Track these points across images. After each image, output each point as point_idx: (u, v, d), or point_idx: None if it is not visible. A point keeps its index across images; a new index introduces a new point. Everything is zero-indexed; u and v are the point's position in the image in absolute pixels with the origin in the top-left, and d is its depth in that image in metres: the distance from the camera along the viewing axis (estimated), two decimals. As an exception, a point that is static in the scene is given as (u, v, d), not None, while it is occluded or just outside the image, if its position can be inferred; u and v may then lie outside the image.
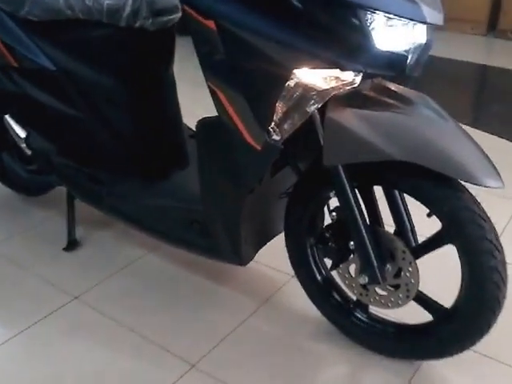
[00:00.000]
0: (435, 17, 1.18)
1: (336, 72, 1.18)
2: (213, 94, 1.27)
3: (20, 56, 1.63)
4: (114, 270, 1.91)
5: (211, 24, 1.18)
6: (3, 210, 2.27)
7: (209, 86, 1.27)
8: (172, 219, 1.61)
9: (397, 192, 1.44)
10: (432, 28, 1.23)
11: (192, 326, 1.67)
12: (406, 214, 1.46)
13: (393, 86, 1.31)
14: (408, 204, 1.48)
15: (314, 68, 1.17)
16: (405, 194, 1.43)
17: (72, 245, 1.99)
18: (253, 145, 1.26)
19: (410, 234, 1.45)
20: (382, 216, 1.49)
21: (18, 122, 1.76)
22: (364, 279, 1.38)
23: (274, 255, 1.77)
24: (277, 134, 1.24)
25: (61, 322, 1.69)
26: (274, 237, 1.68)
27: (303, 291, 1.63)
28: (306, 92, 1.19)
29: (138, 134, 1.70)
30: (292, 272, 1.75)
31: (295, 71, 1.18)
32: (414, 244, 1.45)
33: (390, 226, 1.48)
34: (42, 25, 1.60)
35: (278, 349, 1.59)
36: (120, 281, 1.87)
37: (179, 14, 1.63)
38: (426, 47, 1.23)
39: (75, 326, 1.67)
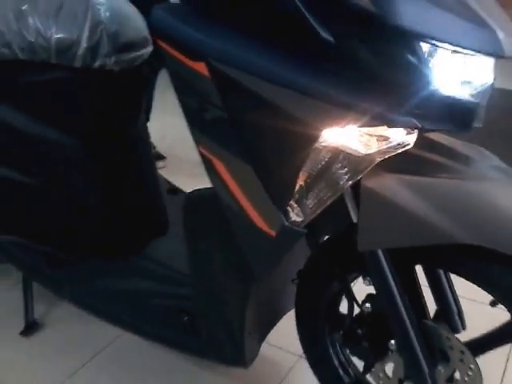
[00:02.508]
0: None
1: (382, 130, 0.81)
2: (207, 162, 0.88)
3: None
4: (88, 355, 1.55)
5: (201, 67, 0.80)
6: None
7: (200, 152, 0.88)
8: (153, 308, 1.21)
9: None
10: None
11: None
12: (452, 294, 1.11)
13: (441, 139, 0.96)
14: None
15: (351, 126, 0.79)
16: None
17: (30, 328, 1.62)
18: (265, 230, 0.87)
19: (458, 319, 1.10)
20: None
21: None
22: None
23: (277, 333, 1.40)
24: (298, 215, 0.87)
25: None
26: (281, 318, 1.31)
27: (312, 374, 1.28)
28: (340, 159, 0.81)
29: (105, 202, 1.32)
30: (299, 352, 1.39)
31: (324, 131, 0.80)
32: (461, 330, 1.09)
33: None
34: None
35: None
36: (96, 368, 1.51)
37: (150, 49, 1.24)
38: (491, 88, 0.88)
39: None
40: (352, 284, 1.14)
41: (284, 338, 1.40)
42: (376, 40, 0.77)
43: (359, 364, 1.22)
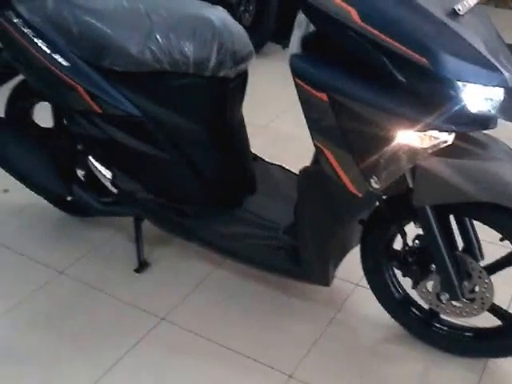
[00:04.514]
0: None
1: (433, 133, 1.43)
2: (318, 150, 1.51)
3: (103, 102, 1.82)
4: (190, 287, 2.15)
5: (323, 96, 1.42)
6: (60, 233, 2.47)
7: (315, 144, 1.52)
8: (259, 247, 1.87)
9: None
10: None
11: (278, 337, 1.95)
12: (475, 235, 1.75)
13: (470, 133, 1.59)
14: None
15: (415, 130, 1.42)
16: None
17: (143, 266, 2.21)
18: (355, 193, 1.52)
19: (478, 251, 1.75)
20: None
21: (102, 163, 1.96)
22: (445, 296, 1.68)
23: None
24: (377, 184, 1.50)
25: (156, 345, 1.92)
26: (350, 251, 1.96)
27: (368, 299, 1.93)
28: (407, 150, 1.44)
29: (216, 168, 1.93)
30: (356, 281, 2.06)
31: (398, 133, 1.43)
32: (481, 259, 1.75)
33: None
34: (126, 74, 1.79)
35: (360, 353, 1.89)
36: (198, 298, 2.11)
37: (254, 58, 1.84)
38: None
39: (171, 347, 1.91)
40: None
41: (342, 269, 1.94)
42: (432, 81, 1.38)
43: (406, 285, 1.89)
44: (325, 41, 1.44)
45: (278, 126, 3.24)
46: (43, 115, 2.36)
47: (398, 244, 1.82)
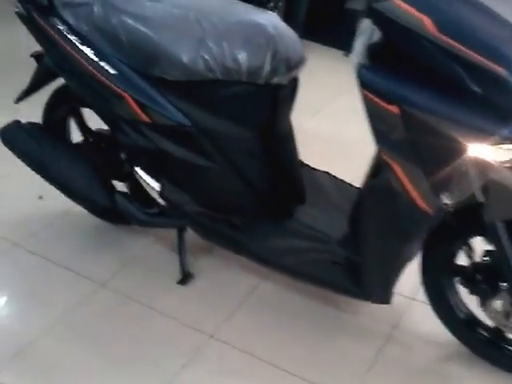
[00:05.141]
0: None
1: (508, 146, 1.38)
2: (385, 164, 1.47)
3: (152, 112, 1.79)
4: (236, 302, 2.11)
5: (395, 109, 1.37)
6: (98, 242, 2.45)
7: (382, 158, 1.47)
8: (312, 261, 1.83)
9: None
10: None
11: (332, 357, 1.90)
12: None
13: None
14: None
15: (490, 144, 1.37)
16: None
17: (186, 278, 2.17)
18: (425, 209, 1.47)
19: None
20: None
21: (149, 174, 1.94)
22: None
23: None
24: (448, 199, 1.46)
25: (207, 364, 1.88)
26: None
27: (425, 314, 1.88)
28: (481, 164, 1.39)
29: (267, 177, 1.89)
30: (411, 294, 2.00)
31: (472, 147, 1.38)
32: None
33: None
34: (176, 83, 1.75)
35: (419, 373, 1.85)
36: (246, 313, 2.06)
37: (305, 63, 1.80)
38: None
39: (221, 367, 1.87)
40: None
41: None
42: (508, 90, 1.32)
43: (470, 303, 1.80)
44: (394, 50, 1.40)
45: (311, 126, 3.15)
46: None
47: (461, 259, 1.77)
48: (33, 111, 2.29)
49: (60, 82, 2.18)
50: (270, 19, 1.74)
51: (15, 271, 2.27)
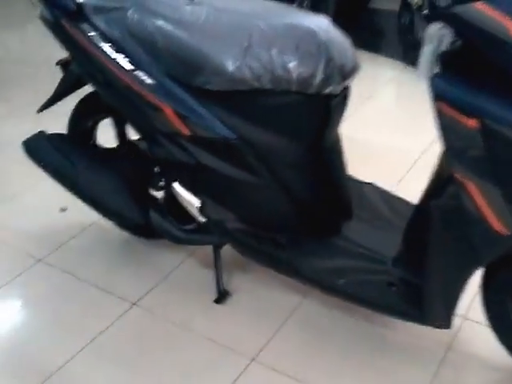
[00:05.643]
0: None
1: None
2: (459, 183, 1.34)
3: (193, 124, 1.66)
4: (277, 322, 1.98)
5: (474, 122, 1.24)
6: (127, 257, 2.33)
7: (455, 176, 1.34)
8: (365, 283, 1.70)
9: None
10: None
11: (382, 381, 1.78)
12: None
13: None
14: None
15: None
16: None
17: (223, 296, 2.05)
18: (501, 231, 1.34)
19: None
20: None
21: (189, 189, 1.81)
22: None
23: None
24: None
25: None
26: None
27: (479, 335, 1.81)
28: None
29: (314, 192, 1.76)
30: (464, 314, 1.88)
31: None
32: None
33: None
34: (220, 94, 1.63)
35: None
36: (288, 335, 1.94)
37: (359, 71, 1.67)
38: None
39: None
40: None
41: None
42: None
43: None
44: (471, 57, 1.27)
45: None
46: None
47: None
48: (57, 120, 2.19)
49: (86, 90, 2.06)
50: (321, 23, 1.61)
51: (40, 289, 2.16)
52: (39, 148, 2.08)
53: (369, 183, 2.04)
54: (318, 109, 1.64)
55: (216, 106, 1.65)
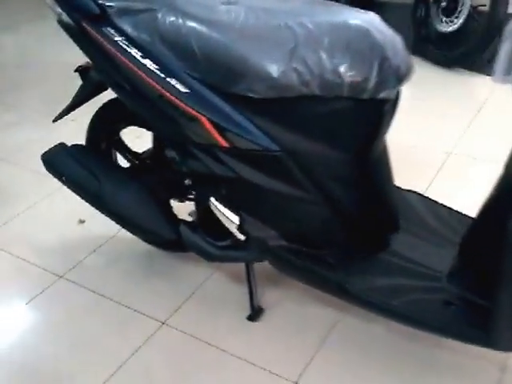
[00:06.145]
0: None
1: None
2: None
3: (232, 135, 1.52)
4: (316, 341, 1.86)
5: None
6: (152, 272, 2.20)
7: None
8: (419, 302, 1.56)
9: None
10: None
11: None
12: None
13: None
14: None
15: None
16: None
17: (257, 313, 1.94)
18: None
19: None
20: None
21: (227, 205, 1.67)
22: None
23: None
24: None
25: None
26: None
27: None
28: None
29: (361, 205, 1.63)
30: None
31: None
32: None
33: None
34: (262, 102, 1.48)
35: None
36: (329, 354, 1.82)
37: (413, 73, 1.52)
38: None
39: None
40: None
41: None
42: None
43: None
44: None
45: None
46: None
47: None
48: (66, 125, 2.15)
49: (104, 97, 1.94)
50: (372, 20, 1.46)
51: (61, 308, 2.04)
52: (59, 161, 1.94)
53: (412, 191, 1.90)
54: (370, 115, 1.49)
55: (257, 115, 1.51)
